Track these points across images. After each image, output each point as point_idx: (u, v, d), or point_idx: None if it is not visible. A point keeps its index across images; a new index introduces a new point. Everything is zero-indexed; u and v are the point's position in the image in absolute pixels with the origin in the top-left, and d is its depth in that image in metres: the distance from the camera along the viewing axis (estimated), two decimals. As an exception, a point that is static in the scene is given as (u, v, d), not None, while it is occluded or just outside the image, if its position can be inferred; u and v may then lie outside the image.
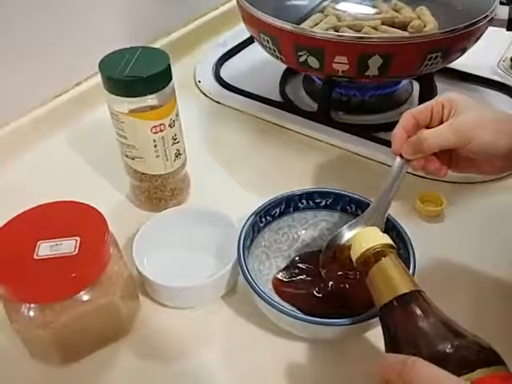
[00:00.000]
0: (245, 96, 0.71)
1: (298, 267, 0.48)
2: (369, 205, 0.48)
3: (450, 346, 0.32)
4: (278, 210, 0.49)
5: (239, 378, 0.43)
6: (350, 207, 0.50)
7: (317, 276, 0.46)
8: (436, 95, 0.69)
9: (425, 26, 0.66)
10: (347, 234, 0.46)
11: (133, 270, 0.46)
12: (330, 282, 0.46)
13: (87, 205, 0.43)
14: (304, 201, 0.50)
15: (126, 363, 0.43)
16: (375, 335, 0.43)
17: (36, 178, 0.60)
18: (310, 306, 0.45)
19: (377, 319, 0.39)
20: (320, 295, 0.46)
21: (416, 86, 0.70)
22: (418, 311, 0.35)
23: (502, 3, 0.61)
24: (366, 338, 0.44)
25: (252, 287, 0.42)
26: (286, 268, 0.48)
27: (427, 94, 0.68)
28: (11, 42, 0.59)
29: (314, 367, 0.43)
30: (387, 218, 0.47)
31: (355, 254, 0.40)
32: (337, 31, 0.64)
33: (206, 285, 0.46)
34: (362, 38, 0.57)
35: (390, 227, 0.47)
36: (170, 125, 0.50)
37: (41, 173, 0.61)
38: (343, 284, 0.46)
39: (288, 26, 0.57)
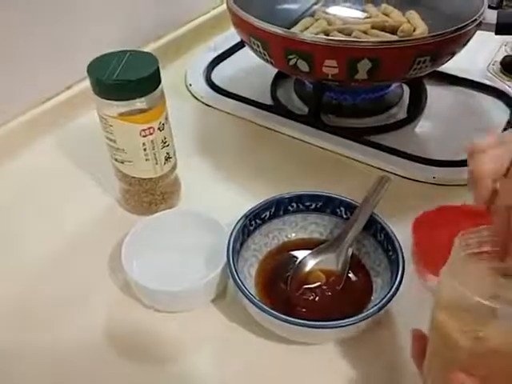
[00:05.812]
0: (236, 99, 0.71)
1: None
2: (358, 208, 0.48)
3: None
4: (267, 213, 0.49)
5: (230, 381, 0.42)
6: (340, 210, 0.50)
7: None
8: (426, 99, 0.70)
9: (415, 30, 0.66)
10: (311, 262, 0.47)
11: (122, 274, 0.46)
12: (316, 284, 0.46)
13: None
14: (294, 204, 0.50)
15: (116, 367, 0.43)
16: (368, 339, 0.43)
17: (25, 181, 0.60)
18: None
19: (367, 322, 0.39)
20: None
21: (406, 89, 0.71)
22: None
23: (490, 7, 0.61)
24: (362, 340, 0.44)
25: (241, 291, 0.42)
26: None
27: (417, 97, 0.68)
28: (0, 43, 0.59)
29: (305, 371, 0.43)
30: (375, 220, 0.47)
31: None
32: (327, 35, 0.65)
33: (195, 289, 0.46)
34: (350, 41, 0.58)
35: (379, 229, 0.47)
36: (159, 128, 0.50)
37: (30, 176, 0.60)
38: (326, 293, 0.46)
39: (278, 30, 0.57)
